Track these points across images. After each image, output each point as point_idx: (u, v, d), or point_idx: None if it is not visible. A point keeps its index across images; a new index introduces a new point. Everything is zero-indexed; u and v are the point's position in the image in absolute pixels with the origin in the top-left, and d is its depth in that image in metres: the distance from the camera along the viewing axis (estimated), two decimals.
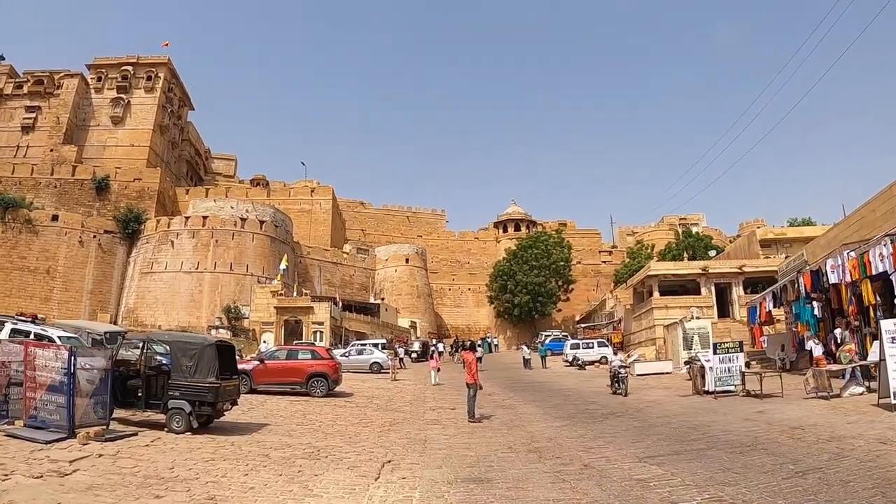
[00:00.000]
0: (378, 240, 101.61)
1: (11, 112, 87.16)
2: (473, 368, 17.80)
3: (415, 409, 21.03)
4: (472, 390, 17.72)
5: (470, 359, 18.31)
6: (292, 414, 18.56)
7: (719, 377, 22.42)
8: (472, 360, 18.25)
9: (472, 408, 17.71)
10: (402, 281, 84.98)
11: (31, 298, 65.26)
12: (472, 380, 17.65)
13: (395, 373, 35.00)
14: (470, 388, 17.72)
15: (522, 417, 18.45)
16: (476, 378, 17.81)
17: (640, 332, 50.49)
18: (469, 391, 17.77)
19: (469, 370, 17.82)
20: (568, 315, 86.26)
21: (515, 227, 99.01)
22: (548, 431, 15.38)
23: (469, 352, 19.14)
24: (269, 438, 13.76)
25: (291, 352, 26.29)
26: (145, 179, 79.06)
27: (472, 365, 17.92)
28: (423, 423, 17.50)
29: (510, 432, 15.41)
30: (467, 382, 17.81)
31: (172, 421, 13.65)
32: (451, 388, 28.75)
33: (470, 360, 18.20)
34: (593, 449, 12.61)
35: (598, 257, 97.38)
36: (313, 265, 79.58)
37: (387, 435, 15.08)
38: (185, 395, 13.68)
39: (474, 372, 17.72)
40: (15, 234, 68.31)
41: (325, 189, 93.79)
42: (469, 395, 17.77)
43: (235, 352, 16.61)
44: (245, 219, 68.61)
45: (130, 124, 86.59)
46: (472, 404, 17.76)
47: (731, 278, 46.99)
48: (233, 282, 64.38)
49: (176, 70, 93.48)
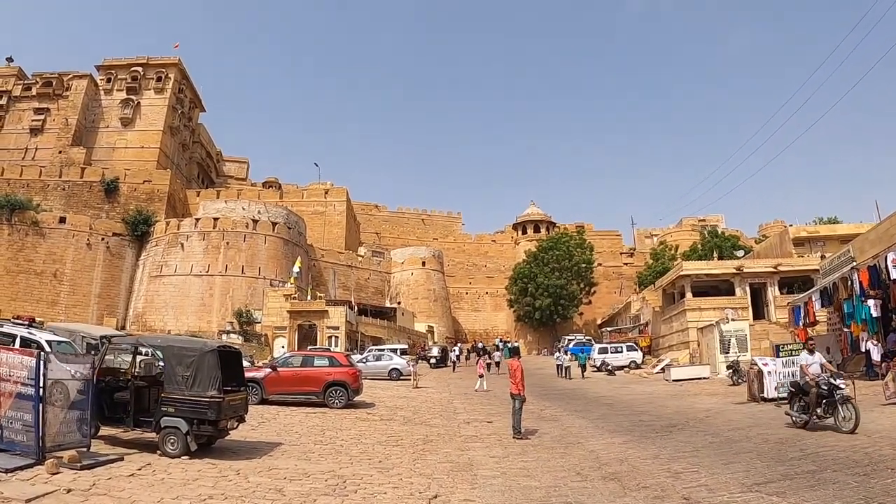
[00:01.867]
0: (393, 243, 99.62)
1: (20, 114, 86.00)
2: (518, 376, 15.62)
3: (447, 422, 18.69)
4: (518, 402, 15.45)
5: (515, 366, 16.03)
6: (309, 429, 16.31)
7: (782, 382, 20.50)
8: (518, 367, 15.97)
9: (517, 422, 15.43)
10: (419, 284, 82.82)
11: (38, 302, 63.55)
12: (518, 390, 15.45)
13: (416, 380, 32.61)
14: (515, 399, 15.48)
15: (572, 432, 16.34)
16: (522, 388, 15.63)
17: (670, 335, 48.29)
18: (514, 403, 15.49)
19: (513, 379, 15.66)
20: (589, 319, 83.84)
21: (535, 228, 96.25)
22: (613, 450, 13.28)
23: (514, 358, 16.66)
24: (283, 464, 11.42)
25: (307, 358, 23.79)
26: (155, 181, 77.19)
27: (518, 373, 15.73)
28: (462, 440, 15.13)
29: (568, 452, 13.29)
30: (512, 393, 15.62)
31: (166, 443, 11.41)
32: (481, 398, 26.97)
33: (514, 368, 15.95)
34: (682, 474, 10.56)
35: (619, 259, 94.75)
36: (327, 268, 77.50)
37: (423, 457, 12.75)
38: (182, 412, 11.43)
39: (519, 380, 15.56)
40: (21, 236, 66.87)
41: (339, 190, 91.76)
42: (514, 407, 15.50)
43: (242, 359, 14.21)
44: (257, 220, 66.58)
45: (140, 126, 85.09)
46: (518, 418, 15.47)
47: (766, 278, 44.76)
48: (244, 285, 62.38)
49: (186, 71, 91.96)
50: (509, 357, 56.47)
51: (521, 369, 16.03)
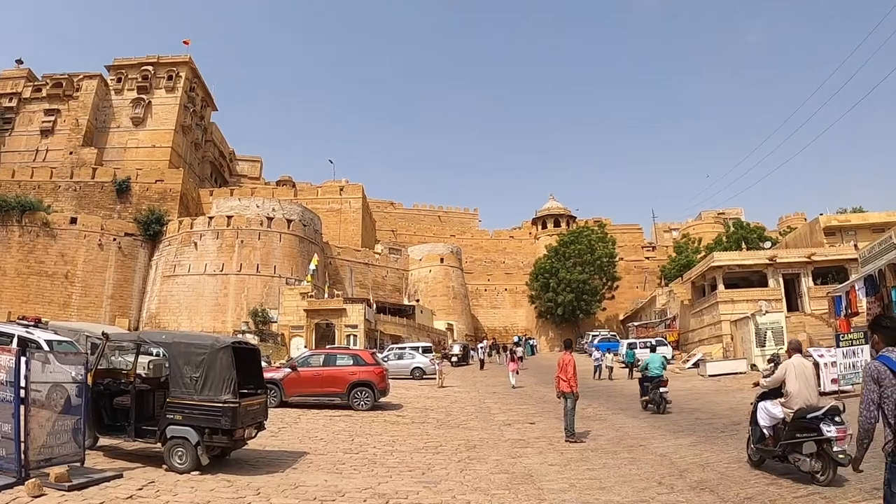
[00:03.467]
0: (409, 240, 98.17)
1: (30, 116, 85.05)
2: (570, 372, 14.12)
3: (485, 424, 16.99)
4: (570, 401, 13.96)
5: (566, 360, 14.43)
6: (335, 435, 14.65)
7: (843, 374, 19.77)
8: (569, 361, 14.42)
9: (570, 423, 13.85)
10: (437, 281, 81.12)
11: (50, 304, 62.24)
12: (570, 387, 14.02)
13: (441, 379, 31.00)
14: (567, 398, 14.03)
15: (628, 433, 14.76)
16: (575, 385, 14.18)
17: (700, 328, 46.78)
18: (566, 402, 14.00)
19: (564, 375, 14.18)
20: (611, 314, 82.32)
21: (555, 222, 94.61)
22: (685, 454, 11.90)
23: (567, 352, 15.08)
24: (311, 479, 9.71)
25: (329, 357, 22.02)
26: (167, 181, 75.87)
27: (569, 368, 14.21)
28: (509, 446, 13.40)
29: (635, 457, 11.76)
30: (563, 391, 14.17)
31: (173, 456, 9.75)
32: (514, 396, 25.37)
33: (566, 362, 14.37)
34: (780, 481, 9.27)
35: (641, 253, 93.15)
36: (344, 266, 75.91)
37: (471, 467, 11.02)
38: (191, 420, 9.78)
39: (571, 376, 14.08)
40: (32, 237, 65.71)
41: (354, 187, 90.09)
42: (566, 407, 13.98)
43: (260, 357, 12.50)
44: (271, 218, 64.97)
45: (151, 125, 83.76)
46: (571, 419, 13.91)
47: (800, 268, 43.41)
48: (259, 284, 60.86)
49: (197, 69, 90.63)
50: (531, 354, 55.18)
51: (573, 364, 14.44)
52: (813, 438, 8.82)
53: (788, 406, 9.39)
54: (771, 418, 9.75)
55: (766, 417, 9.88)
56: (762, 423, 9.93)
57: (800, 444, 8.98)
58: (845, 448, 8.54)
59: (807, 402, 9.19)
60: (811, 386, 9.48)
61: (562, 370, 14.28)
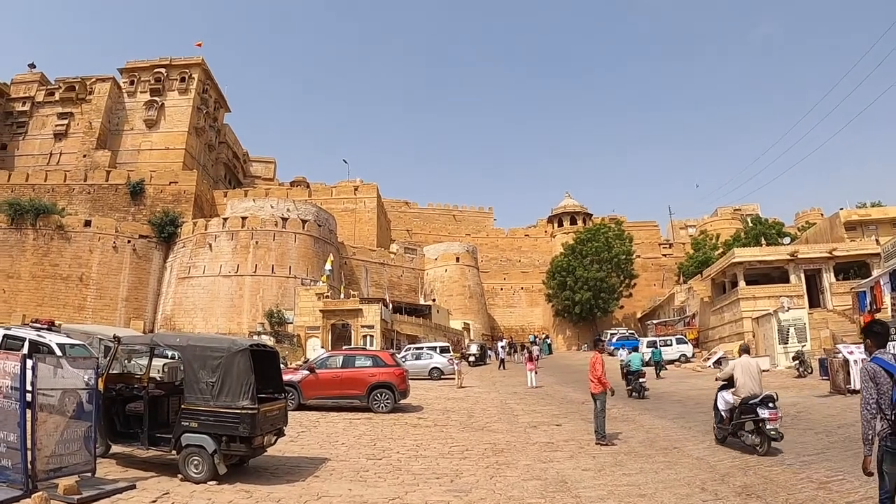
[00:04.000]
0: (424, 239, 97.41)
1: (44, 119, 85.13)
2: (599, 371, 13.54)
3: (510, 426, 16.46)
4: (600, 402, 13.47)
5: (594, 359, 13.89)
6: (356, 439, 14.13)
7: None
8: (599, 360, 13.85)
9: (601, 426, 13.39)
10: (453, 281, 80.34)
11: (64, 307, 62.01)
12: (602, 387, 13.48)
13: (461, 379, 30.48)
14: (596, 399, 13.53)
15: (659, 434, 14.28)
16: (607, 382, 13.65)
17: (721, 326, 46.25)
18: (596, 404, 13.52)
19: (593, 374, 13.65)
20: (628, 312, 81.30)
21: (571, 220, 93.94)
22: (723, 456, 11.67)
23: (597, 351, 14.69)
24: (334, 489, 9.19)
25: (348, 358, 21.44)
26: (181, 182, 75.62)
27: (598, 366, 13.63)
28: (538, 449, 12.88)
29: (671, 460, 11.32)
30: (592, 392, 13.70)
31: (188, 465, 9.27)
32: (535, 396, 24.87)
33: (594, 361, 13.84)
34: (829, 484, 8.91)
35: (658, 250, 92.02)
36: (359, 266, 75.33)
37: (501, 473, 10.51)
38: (207, 427, 9.29)
39: (601, 374, 13.53)
40: (46, 241, 65.36)
41: (369, 187, 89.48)
42: (596, 409, 13.50)
43: (279, 360, 12.04)
44: (286, 218, 64.48)
45: (165, 127, 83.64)
46: (602, 421, 13.43)
47: (821, 264, 43.03)
48: (275, 285, 60.38)
49: (210, 71, 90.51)
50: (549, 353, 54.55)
51: (602, 363, 13.90)
52: (752, 419, 11.53)
53: (737, 394, 12.08)
54: (726, 404, 12.50)
55: (722, 403, 12.64)
56: (720, 407, 12.71)
57: (744, 424, 11.74)
58: (777, 426, 11.26)
59: (750, 392, 11.81)
60: (755, 379, 12.01)
61: (590, 370, 13.82)
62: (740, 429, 11.86)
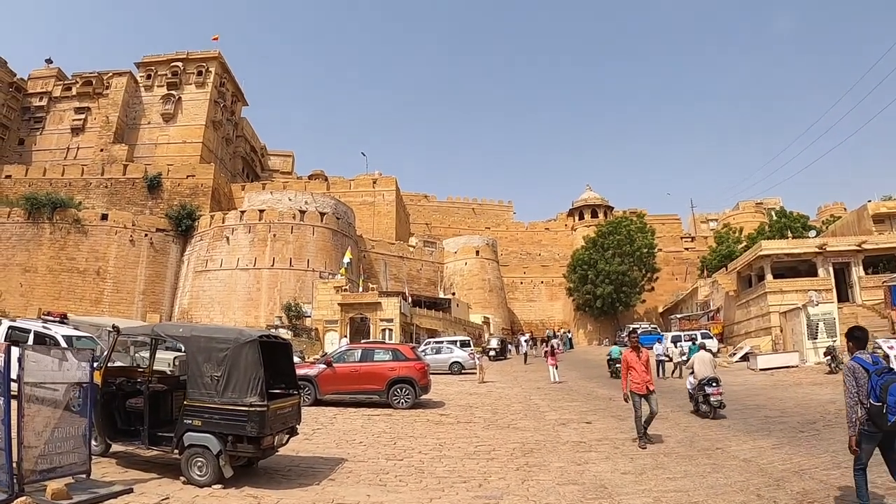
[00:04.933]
0: (444, 233, 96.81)
1: (61, 115, 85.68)
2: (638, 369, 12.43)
3: (537, 424, 15.52)
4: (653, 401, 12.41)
5: (632, 359, 12.66)
6: (375, 438, 13.23)
7: None
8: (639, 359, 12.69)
9: (642, 427, 12.24)
10: (473, 274, 79.50)
11: (81, 301, 61.92)
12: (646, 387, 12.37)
13: (482, 374, 29.64)
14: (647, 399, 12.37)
15: (697, 433, 13.43)
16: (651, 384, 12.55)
17: (747, 320, 45.09)
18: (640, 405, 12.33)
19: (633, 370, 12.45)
20: (650, 307, 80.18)
21: (592, 213, 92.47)
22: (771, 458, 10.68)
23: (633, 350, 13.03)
24: (352, 495, 8.30)
25: (367, 352, 20.37)
26: (199, 176, 75.15)
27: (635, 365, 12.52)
28: (570, 449, 11.93)
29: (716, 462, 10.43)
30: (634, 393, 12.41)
31: (192, 467, 8.42)
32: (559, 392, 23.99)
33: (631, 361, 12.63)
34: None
35: (680, 244, 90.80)
36: (378, 260, 74.65)
37: (534, 477, 9.58)
38: (212, 426, 8.45)
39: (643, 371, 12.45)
40: (63, 234, 65.33)
41: (387, 180, 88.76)
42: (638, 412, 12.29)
43: (292, 352, 11.14)
44: (304, 211, 63.85)
45: (182, 121, 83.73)
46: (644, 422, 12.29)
47: (850, 257, 41.73)
48: (293, 278, 59.74)
49: (227, 64, 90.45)
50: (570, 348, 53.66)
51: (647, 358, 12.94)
52: (702, 394, 15.89)
53: (696, 378, 16.50)
54: (690, 385, 17.16)
55: (689, 384, 17.28)
56: (688, 387, 17.41)
57: (698, 397, 16.14)
58: (720, 399, 15.62)
59: (704, 376, 16.03)
60: (707, 367, 16.29)
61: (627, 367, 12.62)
62: (698, 402, 16.12)
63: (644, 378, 12.31)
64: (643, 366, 12.53)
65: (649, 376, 12.50)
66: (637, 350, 12.86)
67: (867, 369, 6.90)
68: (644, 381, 12.29)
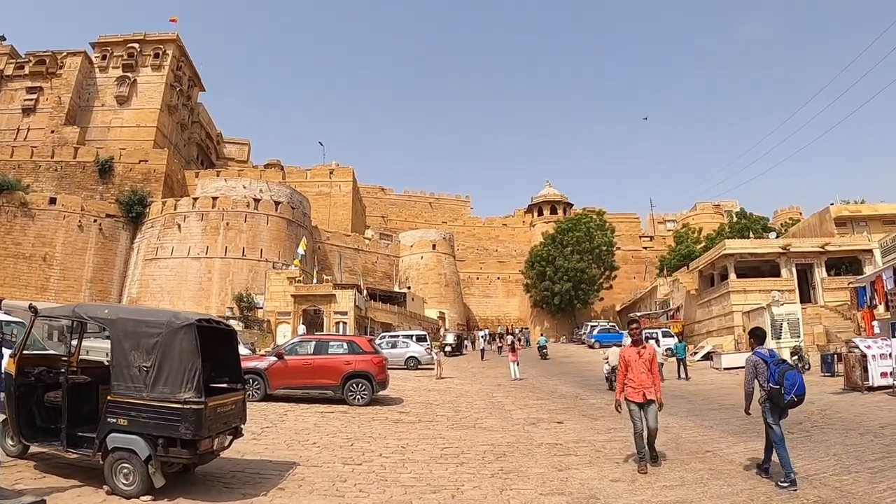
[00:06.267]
0: (400, 226, 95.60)
1: (12, 94, 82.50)
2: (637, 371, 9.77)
3: (504, 423, 14.62)
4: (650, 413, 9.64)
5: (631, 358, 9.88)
6: (330, 438, 12.17)
7: None
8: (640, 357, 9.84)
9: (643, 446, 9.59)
10: (429, 269, 78.54)
11: (27, 288, 59.70)
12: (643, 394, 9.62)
13: (440, 370, 28.71)
14: (644, 410, 9.63)
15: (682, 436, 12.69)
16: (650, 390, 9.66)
17: (708, 319, 45.23)
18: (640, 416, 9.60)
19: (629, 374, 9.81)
20: (608, 305, 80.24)
21: (551, 209, 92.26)
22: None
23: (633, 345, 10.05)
24: None
25: (320, 344, 19.00)
26: (152, 161, 73.16)
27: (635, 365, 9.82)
28: (546, 453, 10.98)
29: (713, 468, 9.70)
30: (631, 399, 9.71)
31: (117, 474, 7.23)
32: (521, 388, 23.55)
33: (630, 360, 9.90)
34: None
35: (639, 243, 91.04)
36: (333, 251, 73.32)
37: (512, 485, 8.60)
38: (139, 426, 7.23)
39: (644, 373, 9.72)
40: (10, 218, 63.06)
41: (344, 170, 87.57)
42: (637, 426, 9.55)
43: (237, 340, 9.73)
44: (259, 199, 62.39)
45: (136, 104, 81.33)
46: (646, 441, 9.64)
47: (813, 258, 42.33)
48: (245, 268, 58.32)
49: (185, 48, 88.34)
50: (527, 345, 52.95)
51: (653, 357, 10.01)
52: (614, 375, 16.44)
53: (609, 365, 21.86)
54: (606, 370, 22.72)
55: (605, 370, 22.99)
56: (604, 371, 23.11)
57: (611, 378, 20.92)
58: None
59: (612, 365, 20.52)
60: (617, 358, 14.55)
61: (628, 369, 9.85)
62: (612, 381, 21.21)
63: (643, 382, 9.64)
64: (645, 366, 9.77)
65: (650, 380, 9.69)
66: (639, 345, 10.01)
67: (766, 361, 8.68)
68: (642, 387, 9.61)
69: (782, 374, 8.39)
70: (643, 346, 9.96)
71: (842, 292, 37.54)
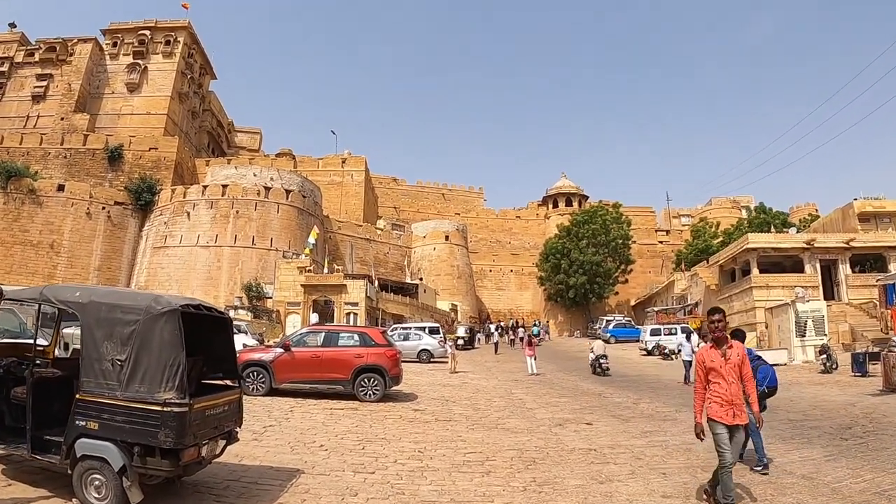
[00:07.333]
0: (412, 217, 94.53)
1: (22, 81, 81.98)
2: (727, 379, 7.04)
3: (527, 423, 13.52)
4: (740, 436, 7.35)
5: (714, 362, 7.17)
6: (339, 440, 11.02)
7: None
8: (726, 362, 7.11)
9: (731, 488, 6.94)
10: (442, 260, 77.37)
11: (34, 275, 59.00)
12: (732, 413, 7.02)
13: (454, 364, 27.75)
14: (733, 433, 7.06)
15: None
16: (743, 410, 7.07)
17: (729, 315, 43.49)
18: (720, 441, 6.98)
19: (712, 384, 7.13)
20: (622, 299, 78.81)
21: (567, 201, 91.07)
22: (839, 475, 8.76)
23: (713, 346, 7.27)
24: None
25: (330, 335, 17.78)
26: (162, 149, 72.45)
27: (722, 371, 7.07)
28: (580, 460, 9.83)
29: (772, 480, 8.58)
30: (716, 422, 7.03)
31: (87, 486, 6.05)
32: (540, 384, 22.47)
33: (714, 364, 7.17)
34: None
35: (654, 237, 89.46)
36: (344, 241, 72.28)
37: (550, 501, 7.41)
38: (112, 430, 6.04)
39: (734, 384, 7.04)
40: (17, 205, 62.50)
41: (357, 160, 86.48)
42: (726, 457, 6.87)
43: (232, 328, 8.15)
44: (269, 188, 61.46)
45: (147, 91, 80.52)
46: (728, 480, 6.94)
47: (838, 254, 40.87)
48: (255, 257, 57.45)
49: (196, 35, 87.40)
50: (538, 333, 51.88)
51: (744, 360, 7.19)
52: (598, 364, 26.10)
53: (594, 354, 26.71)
54: (591, 359, 27.09)
55: (590, 358, 27.21)
56: (590, 359, 27.17)
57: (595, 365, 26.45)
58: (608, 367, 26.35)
59: (598, 353, 26.50)
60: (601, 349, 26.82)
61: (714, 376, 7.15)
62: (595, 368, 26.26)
63: (734, 396, 7.01)
64: (734, 373, 7.08)
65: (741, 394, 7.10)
66: (722, 345, 7.26)
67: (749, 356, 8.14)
68: (732, 403, 6.98)
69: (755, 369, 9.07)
70: (728, 346, 7.21)
71: (867, 290, 36.91)
